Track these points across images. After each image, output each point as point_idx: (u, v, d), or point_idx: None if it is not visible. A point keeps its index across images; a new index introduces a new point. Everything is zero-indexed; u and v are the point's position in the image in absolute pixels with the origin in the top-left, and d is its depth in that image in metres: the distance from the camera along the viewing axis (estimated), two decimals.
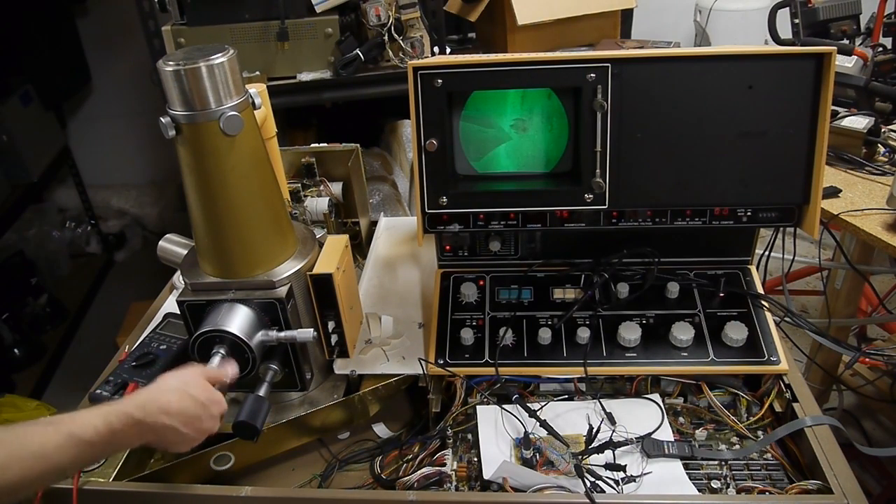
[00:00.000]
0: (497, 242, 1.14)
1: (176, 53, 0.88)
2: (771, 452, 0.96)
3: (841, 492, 0.85)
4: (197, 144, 0.89)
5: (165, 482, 0.94)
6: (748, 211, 1.06)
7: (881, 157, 1.67)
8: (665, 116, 1.00)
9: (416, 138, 1.04)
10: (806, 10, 1.97)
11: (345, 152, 1.40)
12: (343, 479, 1.03)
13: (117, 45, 3.46)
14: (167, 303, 1.33)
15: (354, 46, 2.07)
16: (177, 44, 2.06)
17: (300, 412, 1.03)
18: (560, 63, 0.99)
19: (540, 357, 1.05)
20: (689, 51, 1.03)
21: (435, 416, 1.05)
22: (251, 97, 0.93)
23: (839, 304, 1.95)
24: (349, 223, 1.45)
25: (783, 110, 0.99)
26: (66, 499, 0.91)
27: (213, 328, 0.92)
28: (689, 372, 1.03)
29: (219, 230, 0.95)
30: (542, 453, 0.95)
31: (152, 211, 3.81)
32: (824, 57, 0.96)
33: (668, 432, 0.98)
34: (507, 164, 1.10)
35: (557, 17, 2.43)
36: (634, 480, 0.91)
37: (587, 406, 1.03)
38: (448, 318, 1.11)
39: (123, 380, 1.02)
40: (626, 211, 1.08)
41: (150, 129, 3.60)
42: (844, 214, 1.46)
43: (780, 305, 1.09)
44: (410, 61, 1.02)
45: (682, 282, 1.10)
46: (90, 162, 3.70)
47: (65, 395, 2.82)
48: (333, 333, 1.04)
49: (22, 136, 2.93)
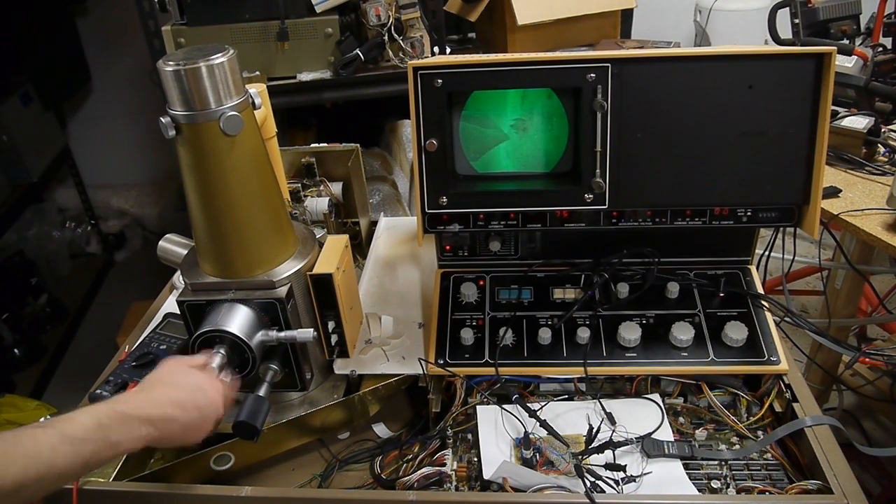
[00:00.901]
0: (497, 242, 1.14)
1: (176, 53, 0.88)
2: (771, 452, 0.96)
3: (841, 492, 0.85)
4: (197, 144, 0.89)
5: (165, 482, 0.94)
6: (748, 211, 1.06)
7: (881, 157, 1.67)
8: (665, 116, 1.00)
9: (416, 138, 1.04)
10: (806, 10, 1.97)
11: (345, 152, 1.40)
12: (343, 479, 1.03)
13: (117, 45, 3.46)
14: (167, 303, 1.33)
15: (354, 46, 2.07)
16: (177, 44, 2.06)
17: (300, 412, 1.03)
18: (560, 63, 0.99)
19: (540, 357, 1.05)
20: (689, 51, 1.03)
21: (435, 416, 1.05)
22: (251, 97, 0.93)
23: (839, 304, 1.95)
24: (349, 223, 1.45)
25: (783, 110, 0.99)
26: (66, 499, 0.91)
27: (213, 328, 0.92)
28: (689, 372, 1.03)
29: (219, 230, 0.95)
30: (542, 453, 0.95)
31: (152, 211, 3.81)
32: (824, 57, 0.96)
33: (668, 432, 0.98)
34: (507, 164, 1.10)
35: (557, 17, 2.43)
36: (634, 480, 0.91)
37: (587, 406, 1.03)
38: (448, 318, 1.11)
39: (123, 380, 1.02)
40: (626, 211, 1.08)
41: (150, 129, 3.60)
42: (844, 214, 1.46)
43: (780, 305, 1.09)
44: (410, 61, 1.02)
45: (682, 282, 1.10)
46: (90, 162, 3.70)
47: (65, 395, 2.82)
48: (333, 333, 1.04)
49: (22, 136, 2.93)
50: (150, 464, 1.02)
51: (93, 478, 0.94)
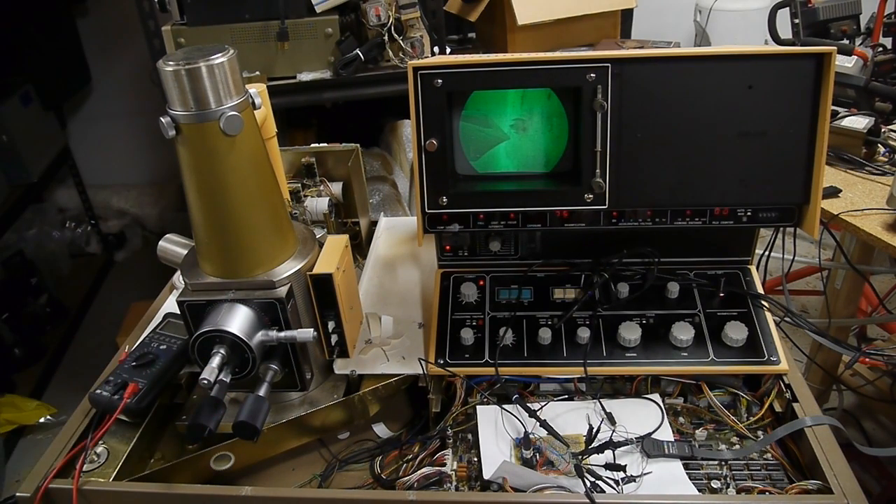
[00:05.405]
0: (497, 242, 1.14)
1: (176, 53, 0.88)
2: (771, 452, 0.96)
3: (841, 492, 0.85)
4: (197, 144, 0.88)
5: (165, 482, 0.94)
6: (748, 211, 1.06)
7: (881, 157, 1.67)
8: (665, 116, 1.00)
9: (416, 138, 1.04)
10: (806, 10, 1.97)
11: (345, 152, 1.40)
12: (343, 479, 1.03)
13: (117, 45, 3.46)
14: (167, 303, 1.33)
15: (354, 46, 2.07)
16: (177, 44, 2.06)
17: (300, 412, 1.03)
18: (560, 63, 0.99)
19: (540, 357, 1.05)
20: (689, 51, 1.03)
21: (435, 416, 1.05)
22: (251, 97, 0.93)
23: (839, 304, 1.95)
24: (349, 223, 1.45)
25: (783, 110, 0.99)
26: (66, 499, 0.91)
27: (213, 328, 0.92)
28: (689, 372, 1.03)
29: (219, 230, 0.95)
30: (542, 453, 0.95)
31: (152, 211, 3.81)
32: (824, 57, 0.96)
33: (668, 432, 0.98)
34: (507, 164, 1.10)
35: (557, 17, 2.44)
36: (634, 480, 0.91)
37: (587, 406, 1.03)
38: (448, 318, 1.11)
39: (123, 380, 1.02)
40: (626, 211, 1.08)
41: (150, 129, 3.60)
42: (844, 214, 1.46)
43: (780, 305, 1.09)
44: (410, 61, 1.02)
45: (682, 282, 1.10)
46: (90, 162, 3.71)
47: (65, 395, 2.82)
48: (333, 333, 1.04)
49: (22, 136, 2.93)
50: (150, 464, 1.02)
51: (93, 478, 0.94)
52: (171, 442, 1.06)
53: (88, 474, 0.94)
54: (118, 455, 0.97)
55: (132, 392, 0.99)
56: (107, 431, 0.98)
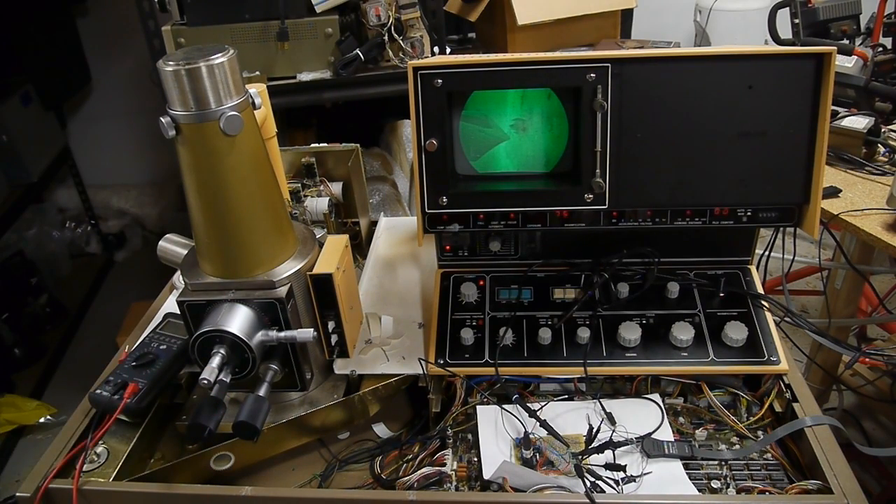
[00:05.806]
0: (497, 242, 1.14)
1: (176, 53, 0.88)
2: (771, 452, 0.96)
3: (841, 492, 0.85)
4: (197, 144, 0.89)
5: (165, 482, 0.94)
6: (748, 211, 1.06)
7: (881, 157, 1.67)
8: (665, 116, 1.00)
9: (416, 138, 1.04)
10: (806, 10, 1.97)
11: (345, 152, 1.40)
12: (343, 479, 1.03)
13: (117, 45, 3.46)
14: (167, 303, 1.33)
15: (354, 46, 2.07)
16: (177, 44, 2.06)
17: (300, 412, 1.03)
18: (560, 63, 0.99)
19: (540, 357, 1.05)
20: (689, 51, 1.03)
21: (435, 416, 1.05)
22: (251, 97, 0.93)
23: (839, 304, 1.96)
24: (349, 223, 1.45)
25: (783, 110, 0.99)
26: (66, 499, 0.91)
27: (213, 328, 0.92)
28: (689, 372, 1.03)
29: (219, 230, 0.95)
30: (542, 453, 0.95)
31: (152, 211, 3.81)
32: (824, 57, 0.96)
33: (668, 432, 0.98)
34: (507, 164, 1.10)
35: (557, 17, 2.44)
36: (634, 480, 0.91)
37: (587, 406, 1.03)
38: (448, 318, 1.11)
39: (123, 380, 1.01)
40: (626, 211, 1.08)
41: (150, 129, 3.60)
42: (844, 214, 1.46)
43: (780, 305, 1.09)
44: (410, 61, 1.02)
45: (682, 282, 1.10)
46: (90, 162, 3.71)
47: (65, 395, 2.82)
48: (333, 333, 1.04)
49: (22, 136, 2.93)
50: (150, 464, 1.02)
51: (93, 478, 0.94)
52: (171, 442, 1.06)
53: (88, 474, 0.94)
54: (118, 455, 0.97)
55: (132, 392, 0.99)
56: (107, 431, 0.98)
